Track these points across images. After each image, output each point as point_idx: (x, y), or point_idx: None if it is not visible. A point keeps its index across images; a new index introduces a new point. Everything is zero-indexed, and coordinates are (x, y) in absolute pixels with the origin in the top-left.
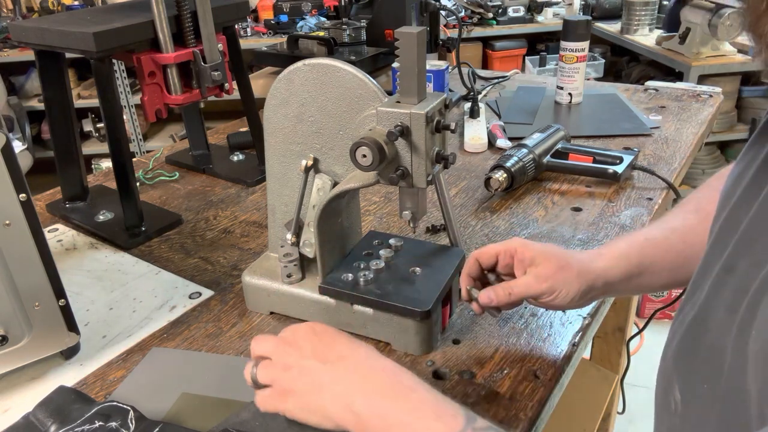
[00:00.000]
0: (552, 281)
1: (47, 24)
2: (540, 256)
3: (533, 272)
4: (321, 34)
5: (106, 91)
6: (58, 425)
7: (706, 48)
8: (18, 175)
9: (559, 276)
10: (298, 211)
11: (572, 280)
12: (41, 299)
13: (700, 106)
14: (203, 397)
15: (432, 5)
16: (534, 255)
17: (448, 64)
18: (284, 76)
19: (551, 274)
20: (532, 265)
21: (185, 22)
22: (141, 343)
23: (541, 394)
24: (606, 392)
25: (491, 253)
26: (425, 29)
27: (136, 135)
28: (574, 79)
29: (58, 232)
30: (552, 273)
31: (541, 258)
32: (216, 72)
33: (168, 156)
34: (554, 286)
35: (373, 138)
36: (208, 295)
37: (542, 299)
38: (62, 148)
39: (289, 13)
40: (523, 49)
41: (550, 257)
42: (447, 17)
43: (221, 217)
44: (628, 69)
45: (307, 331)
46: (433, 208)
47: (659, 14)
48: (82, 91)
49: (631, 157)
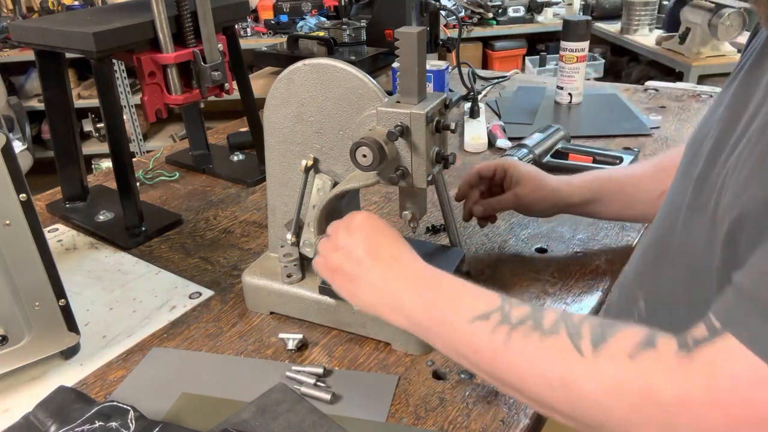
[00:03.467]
0: (524, 200)
1: (47, 24)
2: (523, 177)
3: (515, 190)
4: (321, 34)
5: (106, 91)
6: (58, 425)
7: (706, 48)
8: (18, 175)
9: (532, 196)
10: (298, 211)
11: (542, 200)
12: (41, 299)
13: (700, 106)
14: (203, 397)
15: (432, 5)
16: (519, 175)
17: (448, 64)
18: (284, 76)
19: (527, 193)
20: (517, 184)
21: (185, 22)
22: (141, 343)
23: None
24: None
25: (491, 167)
26: (425, 29)
27: (136, 135)
28: (574, 79)
29: (58, 232)
30: (528, 192)
31: (524, 179)
32: (216, 72)
33: (168, 156)
34: (528, 204)
35: (373, 138)
36: (208, 295)
37: (518, 210)
38: (62, 148)
39: (289, 13)
40: (523, 49)
41: (530, 180)
42: (447, 17)
43: (221, 217)
44: (628, 69)
45: (363, 222)
46: (433, 208)
47: (659, 14)
48: (82, 91)
49: (631, 157)
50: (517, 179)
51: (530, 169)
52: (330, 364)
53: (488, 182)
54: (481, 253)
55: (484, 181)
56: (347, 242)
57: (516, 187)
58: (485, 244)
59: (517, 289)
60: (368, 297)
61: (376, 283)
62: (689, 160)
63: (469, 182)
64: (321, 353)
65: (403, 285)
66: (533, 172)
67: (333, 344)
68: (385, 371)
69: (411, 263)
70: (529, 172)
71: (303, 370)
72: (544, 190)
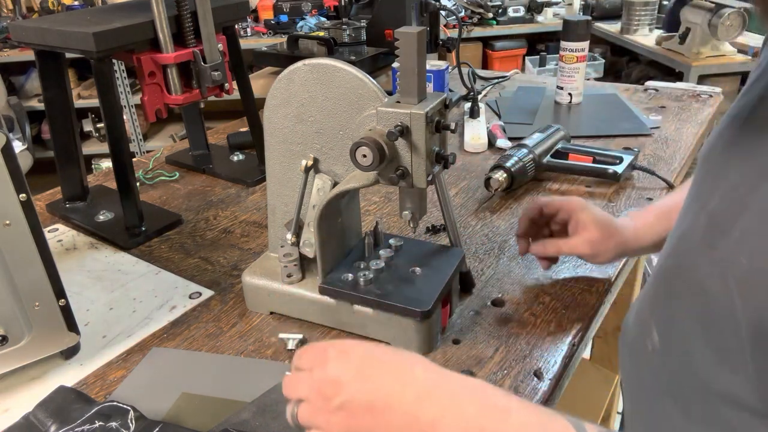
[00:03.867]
0: (595, 248)
1: (47, 24)
2: (592, 224)
3: (583, 235)
4: (321, 34)
5: (106, 91)
6: (58, 425)
7: (706, 48)
8: (18, 175)
9: (602, 245)
10: (298, 211)
11: (611, 249)
12: (41, 299)
13: (700, 106)
14: (203, 397)
15: (432, 5)
16: (588, 221)
17: (448, 64)
18: (284, 76)
19: (596, 240)
20: (584, 229)
21: (185, 22)
22: (141, 343)
23: (542, 395)
24: (606, 392)
25: (555, 206)
26: (425, 29)
27: (136, 135)
28: (574, 79)
29: (58, 232)
30: (597, 241)
31: (593, 226)
32: (216, 72)
33: (168, 156)
34: (595, 252)
35: (373, 138)
36: (208, 295)
37: (583, 257)
38: (62, 148)
39: (289, 13)
40: (523, 49)
41: (600, 227)
42: (447, 17)
43: (221, 217)
44: (628, 69)
45: (341, 362)
46: (433, 208)
47: (659, 14)
48: (82, 91)
49: (631, 157)
50: (585, 224)
51: (602, 215)
52: None
53: (548, 219)
54: (481, 253)
55: (545, 217)
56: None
57: (586, 232)
58: (485, 244)
59: (517, 289)
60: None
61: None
62: (702, 179)
63: (531, 217)
64: None
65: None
66: (606, 219)
67: None
68: None
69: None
70: (603, 218)
71: None
72: (616, 237)
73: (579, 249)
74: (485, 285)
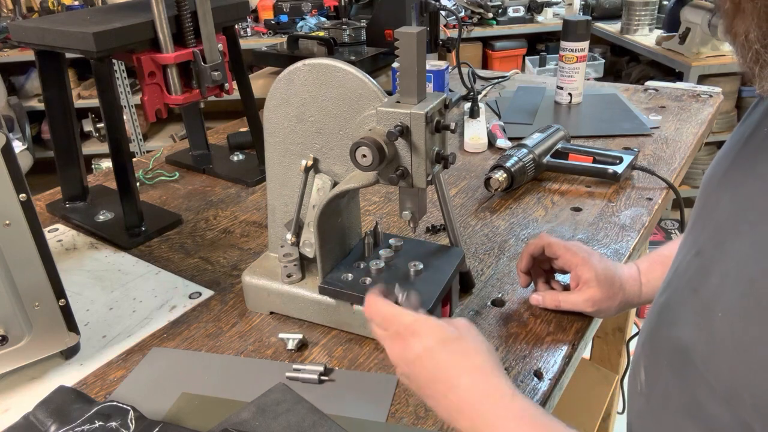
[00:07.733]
0: (598, 306)
1: (47, 24)
2: (594, 282)
3: (585, 293)
4: (321, 34)
5: (106, 91)
6: (58, 425)
7: (706, 48)
8: (18, 175)
9: (604, 303)
10: (298, 211)
11: (614, 306)
12: (41, 299)
13: (700, 106)
14: (203, 397)
15: (432, 5)
16: (590, 278)
17: (448, 64)
18: (284, 76)
19: (599, 300)
20: (586, 285)
21: (185, 22)
22: (141, 343)
23: (541, 394)
24: (606, 392)
25: (556, 252)
26: (425, 29)
27: (136, 135)
28: (574, 79)
29: (58, 232)
30: (600, 299)
31: (595, 283)
32: (216, 72)
33: (168, 156)
34: (597, 309)
35: (373, 138)
36: (208, 295)
37: (584, 312)
38: (62, 148)
39: (289, 13)
40: (523, 49)
41: (602, 285)
42: (447, 17)
43: (221, 217)
44: (628, 69)
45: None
46: (433, 208)
47: (659, 14)
48: (82, 91)
49: (631, 157)
50: (587, 281)
51: (605, 270)
52: (330, 364)
53: (549, 258)
54: (481, 253)
55: (546, 255)
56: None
57: (588, 290)
58: (485, 244)
59: (517, 289)
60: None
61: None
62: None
63: (534, 255)
64: (321, 353)
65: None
66: (609, 275)
67: (333, 344)
68: (385, 371)
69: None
70: (606, 275)
71: (303, 368)
72: (619, 295)
73: (580, 307)
74: (485, 285)
